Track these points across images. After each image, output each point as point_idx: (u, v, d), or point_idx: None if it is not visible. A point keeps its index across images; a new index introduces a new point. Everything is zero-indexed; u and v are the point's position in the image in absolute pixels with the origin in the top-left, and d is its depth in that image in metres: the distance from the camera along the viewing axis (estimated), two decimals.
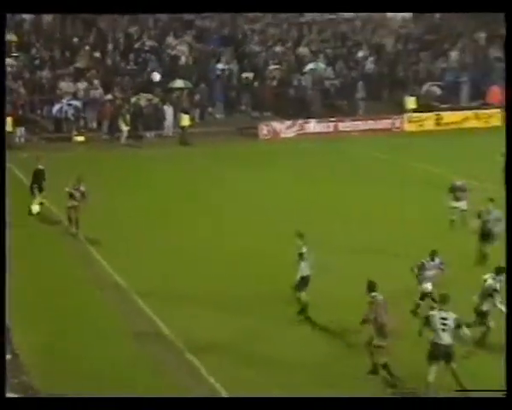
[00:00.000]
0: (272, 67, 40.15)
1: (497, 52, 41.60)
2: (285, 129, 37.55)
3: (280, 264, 17.74)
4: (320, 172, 29.23)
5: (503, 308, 13.61)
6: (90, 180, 22.62)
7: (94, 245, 20.88)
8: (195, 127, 36.81)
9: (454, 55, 42.25)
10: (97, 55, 39.43)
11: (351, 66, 41.23)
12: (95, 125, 37.00)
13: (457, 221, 21.66)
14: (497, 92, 39.45)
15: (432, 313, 12.50)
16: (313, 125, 37.83)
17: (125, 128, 35.93)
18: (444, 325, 12.12)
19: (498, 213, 18.16)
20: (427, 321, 12.35)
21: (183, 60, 39.97)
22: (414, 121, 38.78)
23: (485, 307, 14.03)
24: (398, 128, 38.55)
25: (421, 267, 16.07)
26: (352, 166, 30.49)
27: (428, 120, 38.96)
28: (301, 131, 37.52)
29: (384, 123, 38.57)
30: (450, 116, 39.19)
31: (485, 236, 18.73)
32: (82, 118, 36.76)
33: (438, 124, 38.94)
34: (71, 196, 22.06)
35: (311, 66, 40.30)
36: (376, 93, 40.17)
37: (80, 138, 35.75)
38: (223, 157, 32.18)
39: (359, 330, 13.73)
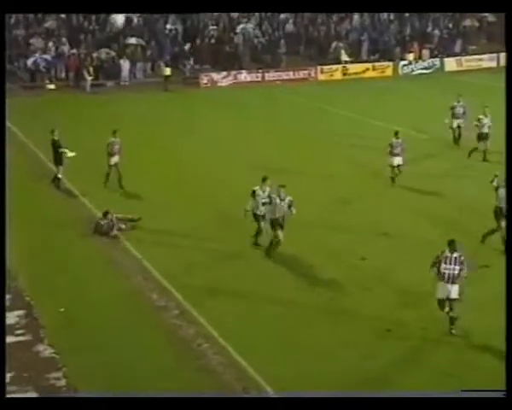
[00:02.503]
0: (211, 27, 47.68)
1: (389, 16, 50.66)
2: (221, 79, 45.18)
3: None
4: (251, 113, 36.15)
5: None
6: (61, 122, 27.07)
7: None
8: (149, 77, 44.80)
9: (356, 18, 50.41)
10: (63, 16, 46.50)
11: (274, 27, 49.00)
12: (63, 75, 44.09)
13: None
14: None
15: None
16: (244, 76, 45.38)
17: (88, 78, 43.32)
18: None
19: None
20: None
21: (135, 20, 47.49)
22: (325, 72, 46.81)
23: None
24: (313, 78, 46.54)
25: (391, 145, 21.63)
26: (277, 108, 37.68)
27: (337, 71, 47.10)
28: (235, 81, 45.02)
29: (301, 73, 46.25)
30: (353, 68, 46.97)
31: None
32: (52, 69, 43.47)
33: (344, 74, 46.66)
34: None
35: (242, 27, 47.94)
36: (295, 49, 48.09)
37: (51, 86, 42.08)
38: (174, 101, 39.70)
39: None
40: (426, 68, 48.20)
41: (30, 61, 42.96)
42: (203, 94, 42.60)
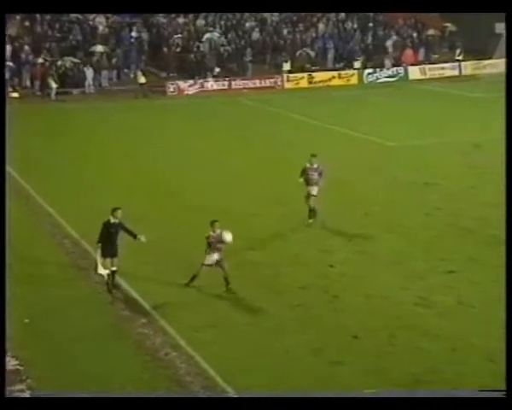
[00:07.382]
0: (176, 36, 47.60)
1: (354, 25, 51.15)
2: (188, 87, 45.24)
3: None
4: (217, 122, 35.93)
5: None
6: (27, 131, 27.77)
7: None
8: (114, 85, 44.56)
9: (322, 26, 50.70)
10: (27, 24, 46.03)
11: (240, 35, 48.98)
12: (28, 83, 43.87)
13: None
14: (410, 54, 49.39)
15: None
16: (211, 84, 45.40)
17: (54, 86, 42.86)
18: None
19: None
20: None
21: (100, 29, 47.21)
22: (291, 80, 47.07)
23: None
24: (279, 86, 46.72)
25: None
26: (243, 116, 37.82)
27: (303, 79, 47.47)
28: (201, 89, 45.17)
29: (268, 82, 46.48)
30: (319, 76, 47.33)
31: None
32: (16, 77, 43.20)
33: (310, 82, 47.03)
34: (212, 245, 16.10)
35: (207, 35, 47.88)
36: (261, 57, 48.24)
37: (15, 94, 41.57)
38: (140, 109, 39.48)
39: None
40: (390, 77, 48.67)
41: None
42: (170, 102, 42.54)
